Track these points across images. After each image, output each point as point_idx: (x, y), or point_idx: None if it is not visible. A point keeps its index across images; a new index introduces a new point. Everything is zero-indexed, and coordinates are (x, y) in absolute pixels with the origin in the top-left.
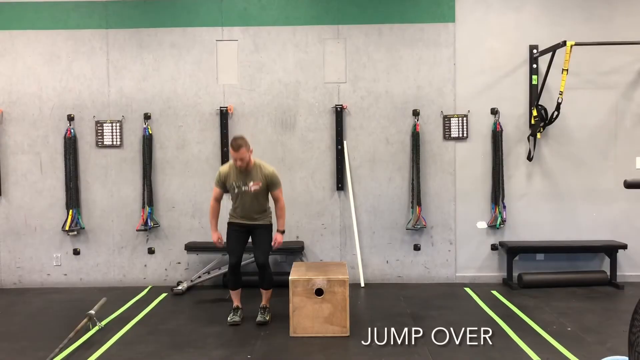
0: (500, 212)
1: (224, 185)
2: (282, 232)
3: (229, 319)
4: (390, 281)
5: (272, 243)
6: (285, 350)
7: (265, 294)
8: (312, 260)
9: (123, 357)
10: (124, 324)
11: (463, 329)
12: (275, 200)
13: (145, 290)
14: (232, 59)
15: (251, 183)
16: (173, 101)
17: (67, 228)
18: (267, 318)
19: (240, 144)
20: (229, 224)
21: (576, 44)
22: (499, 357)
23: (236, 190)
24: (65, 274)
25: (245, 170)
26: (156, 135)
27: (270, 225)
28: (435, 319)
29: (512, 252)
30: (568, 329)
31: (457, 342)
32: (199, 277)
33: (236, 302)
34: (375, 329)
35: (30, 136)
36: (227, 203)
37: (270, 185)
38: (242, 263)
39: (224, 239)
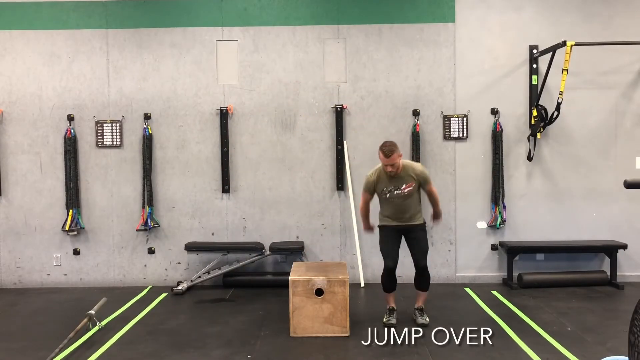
0: (500, 212)
1: (374, 191)
2: (439, 215)
3: (385, 320)
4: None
5: (431, 223)
6: (285, 350)
7: (423, 295)
8: (312, 260)
9: (123, 357)
10: (124, 324)
11: (463, 329)
12: (430, 194)
13: (145, 290)
14: (232, 59)
15: (404, 186)
16: (173, 101)
17: (67, 228)
18: (428, 320)
19: (392, 149)
20: (382, 227)
21: (576, 44)
22: (499, 357)
23: (388, 195)
24: (65, 274)
25: (396, 174)
26: (156, 135)
27: (425, 224)
28: (435, 319)
29: (512, 252)
30: (568, 329)
31: (457, 342)
32: (199, 277)
33: (391, 304)
34: (375, 329)
35: (30, 136)
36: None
37: (423, 182)
38: (242, 263)
39: (374, 231)
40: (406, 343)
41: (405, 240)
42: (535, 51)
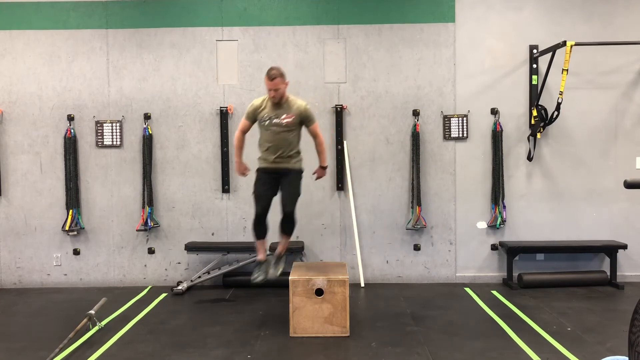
0: (500, 212)
1: (254, 118)
2: (325, 167)
3: (252, 278)
4: (390, 281)
5: (314, 174)
6: (285, 350)
7: (285, 241)
8: (312, 260)
9: (123, 357)
10: (124, 324)
11: (463, 329)
12: (314, 136)
13: (145, 290)
14: (232, 59)
15: (284, 116)
16: (173, 101)
17: (67, 228)
18: (280, 271)
19: (275, 73)
20: (258, 170)
21: (576, 44)
22: (499, 357)
23: (267, 123)
24: (65, 274)
25: (279, 104)
26: (156, 135)
27: (301, 171)
28: (435, 319)
29: (512, 252)
30: (568, 329)
31: (457, 342)
32: (199, 277)
33: (261, 255)
34: (375, 329)
35: (30, 136)
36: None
37: (305, 120)
38: (242, 263)
39: (248, 173)
40: (406, 343)
41: (280, 185)
42: (535, 51)
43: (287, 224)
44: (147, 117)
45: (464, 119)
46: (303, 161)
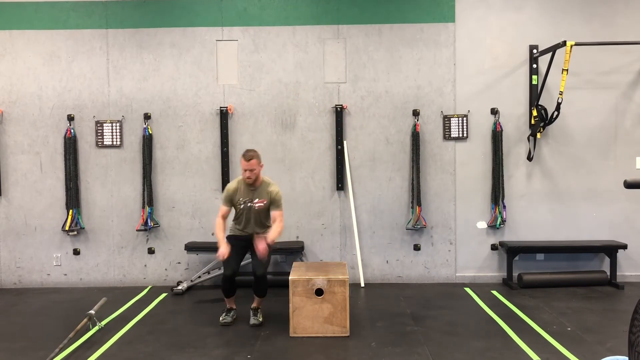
0: (500, 212)
1: (231, 202)
2: (270, 245)
3: (220, 319)
4: (390, 281)
5: (257, 244)
6: (285, 351)
7: (258, 300)
8: (312, 260)
9: (123, 357)
10: (124, 324)
11: (463, 329)
12: (273, 220)
13: (145, 290)
14: (232, 59)
15: (256, 200)
16: (173, 101)
17: (67, 228)
18: (261, 319)
19: (252, 155)
20: (229, 237)
21: (576, 44)
22: (499, 357)
23: (242, 206)
24: (65, 274)
25: (253, 186)
26: (156, 135)
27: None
28: (435, 319)
29: (512, 252)
30: (568, 329)
31: (457, 342)
32: (199, 277)
33: (230, 305)
34: (375, 329)
35: (30, 136)
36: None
37: (272, 204)
38: (242, 263)
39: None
40: (406, 343)
41: (250, 250)
42: (535, 51)
43: (259, 287)
44: (147, 117)
45: (464, 119)
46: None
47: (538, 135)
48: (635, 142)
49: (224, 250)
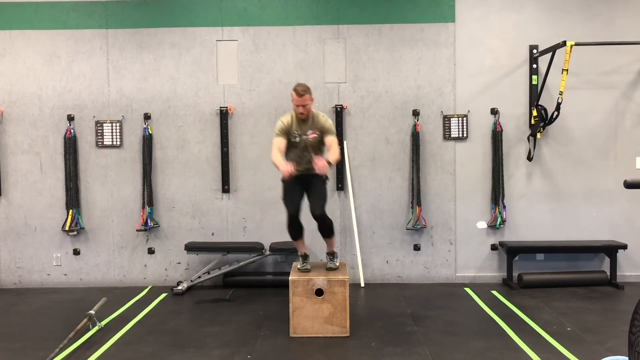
0: (500, 212)
1: (287, 133)
2: (329, 162)
3: (299, 266)
4: (390, 281)
5: (314, 164)
6: (285, 351)
7: (330, 242)
8: (312, 260)
9: (123, 357)
10: (124, 324)
11: (463, 329)
12: (329, 147)
13: (145, 290)
14: (232, 59)
15: (310, 132)
16: (173, 101)
17: (67, 228)
18: (337, 264)
19: (305, 90)
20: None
21: (576, 44)
22: (499, 357)
23: (297, 139)
24: (65, 274)
25: (305, 120)
26: (156, 135)
27: (326, 177)
28: (435, 319)
29: (512, 252)
30: (568, 329)
31: (457, 342)
32: (199, 277)
33: (302, 250)
34: (375, 329)
35: (30, 136)
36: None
37: (325, 131)
38: (242, 263)
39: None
40: (406, 343)
41: (305, 192)
42: (535, 51)
43: (324, 227)
44: (147, 117)
45: (464, 119)
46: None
47: (538, 135)
48: (635, 142)
49: (286, 167)
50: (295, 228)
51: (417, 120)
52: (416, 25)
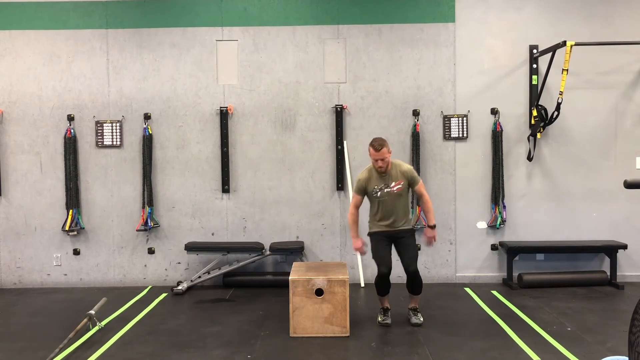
0: (500, 212)
1: (365, 192)
2: (433, 226)
3: (380, 319)
4: (391, 281)
5: (425, 238)
6: (285, 350)
7: (415, 298)
8: (312, 261)
9: (123, 357)
10: (124, 324)
11: (463, 329)
12: (420, 196)
13: (145, 290)
14: (232, 59)
15: (393, 184)
16: (173, 101)
17: (67, 228)
18: (422, 319)
19: (382, 144)
20: (373, 233)
21: (576, 44)
22: (499, 357)
23: (378, 194)
24: (65, 274)
25: (385, 172)
26: (156, 135)
27: (414, 230)
28: (435, 319)
29: (512, 252)
30: (568, 329)
31: (457, 342)
32: (199, 277)
33: (386, 304)
34: (375, 329)
35: (30, 136)
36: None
37: (412, 181)
38: (242, 263)
39: (365, 250)
40: (406, 343)
41: (395, 247)
42: (535, 51)
43: (415, 284)
44: (147, 117)
45: (464, 119)
46: (411, 219)
47: (538, 135)
48: (635, 142)
49: (358, 244)
50: (384, 285)
51: (417, 120)
52: (416, 25)
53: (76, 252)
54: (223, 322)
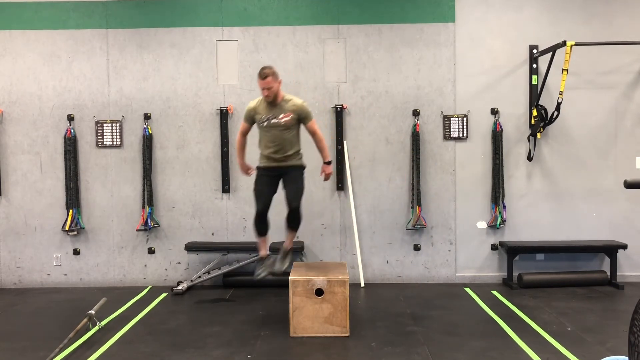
0: (500, 212)
1: (252, 120)
2: (329, 162)
3: (255, 274)
4: (390, 281)
5: (321, 174)
6: (285, 350)
7: (291, 235)
8: (312, 260)
9: (123, 357)
10: (124, 324)
11: (463, 329)
12: (312, 133)
13: (145, 290)
14: (232, 59)
15: (281, 115)
16: (173, 101)
17: (67, 228)
18: (287, 266)
19: (267, 72)
20: (258, 168)
21: (576, 44)
22: (499, 357)
23: (266, 124)
24: (65, 274)
25: (274, 103)
26: (156, 135)
27: (303, 167)
28: (435, 319)
29: (512, 252)
30: (568, 329)
31: (457, 342)
32: (199, 277)
33: (263, 251)
34: (375, 329)
35: (30, 136)
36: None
37: (303, 117)
38: (242, 263)
39: (252, 172)
40: (406, 343)
41: (282, 183)
42: (535, 51)
43: (294, 219)
44: (147, 117)
45: (464, 119)
46: (304, 157)
47: (538, 135)
48: (635, 142)
49: (244, 168)
50: (262, 224)
51: (417, 120)
52: (416, 25)
53: (76, 252)
54: (223, 322)
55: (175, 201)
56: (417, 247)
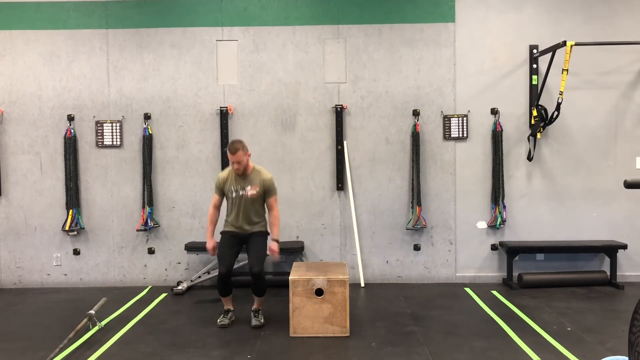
0: (500, 212)
1: (222, 191)
2: (277, 241)
3: (218, 321)
4: (390, 281)
5: (268, 252)
6: (285, 350)
7: (259, 300)
8: (312, 260)
9: (123, 357)
10: (124, 324)
11: (463, 329)
12: (270, 209)
13: (145, 290)
14: (232, 59)
15: (249, 187)
16: (173, 101)
17: (67, 228)
18: (262, 321)
19: (237, 147)
20: (223, 232)
21: (576, 44)
22: (499, 357)
23: (234, 195)
24: (65, 274)
25: (244, 175)
26: (156, 135)
27: (266, 233)
28: (435, 319)
29: (512, 252)
30: (568, 329)
31: (457, 342)
32: (199, 277)
33: (227, 305)
34: (375, 329)
35: (30, 136)
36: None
37: (267, 191)
38: (242, 263)
39: (214, 251)
40: (406, 343)
41: (246, 247)
42: (535, 51)
43: (257, 285)
44: (147, 117)
45: (464, 119)
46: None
47: (538, 135)
48: (635, 142)
49: (209, 245)
50: (225, 286)
51: (417, 120)
52: (416, 25)
53: (76, 252)
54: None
55: (175, 201)
56: (417, 247)
